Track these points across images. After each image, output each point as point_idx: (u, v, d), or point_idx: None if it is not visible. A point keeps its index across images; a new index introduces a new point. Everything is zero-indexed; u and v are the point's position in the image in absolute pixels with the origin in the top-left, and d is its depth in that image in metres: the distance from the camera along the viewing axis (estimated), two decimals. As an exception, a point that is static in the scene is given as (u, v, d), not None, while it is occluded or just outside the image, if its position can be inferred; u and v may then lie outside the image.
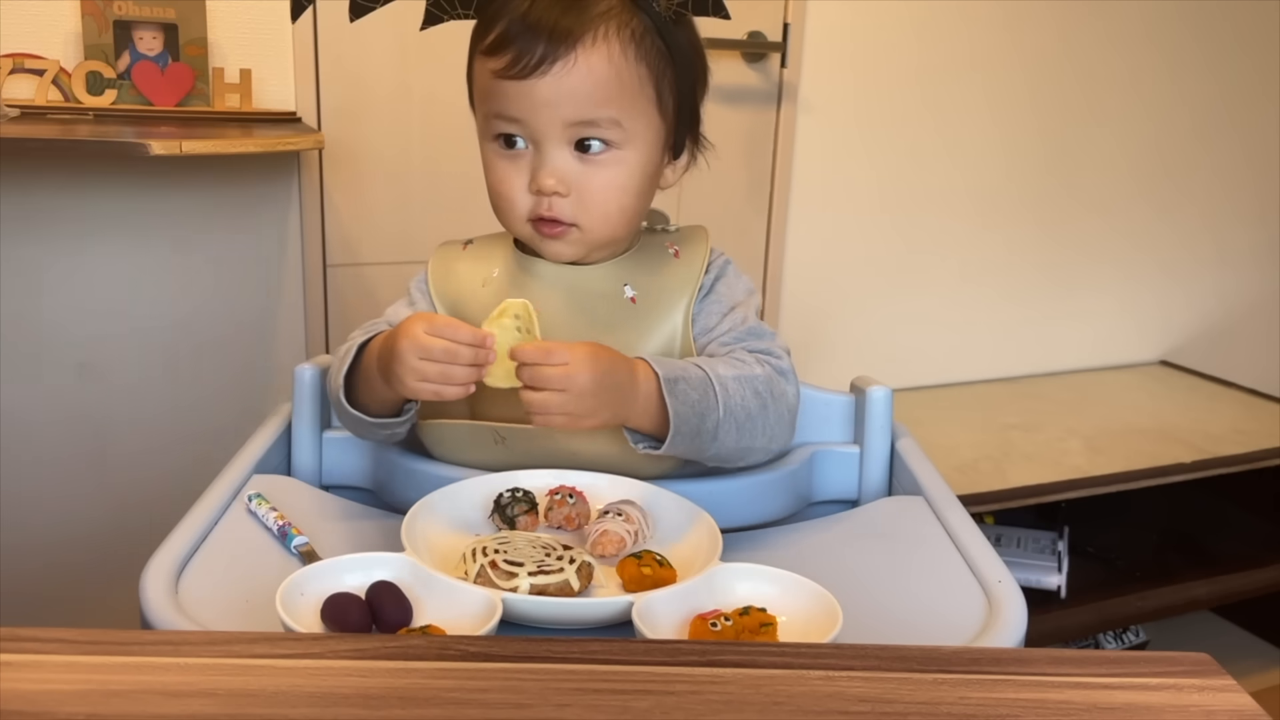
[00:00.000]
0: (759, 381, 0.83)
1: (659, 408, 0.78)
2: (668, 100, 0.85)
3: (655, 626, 0.63)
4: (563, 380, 0.74)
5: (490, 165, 0.86)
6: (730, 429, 0.81)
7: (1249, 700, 0.50)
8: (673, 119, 0.86)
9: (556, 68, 0.79)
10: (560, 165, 0.82)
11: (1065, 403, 2.13)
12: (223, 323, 1.64)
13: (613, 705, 0.48)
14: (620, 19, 0.81)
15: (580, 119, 0.81)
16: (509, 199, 0.85)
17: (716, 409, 0.80)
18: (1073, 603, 1.80)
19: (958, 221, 2.14)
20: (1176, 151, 2.31)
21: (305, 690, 0.48)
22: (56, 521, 1.60)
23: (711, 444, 0.81)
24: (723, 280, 0.91)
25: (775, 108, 1.91)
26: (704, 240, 0.92)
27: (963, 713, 0.48)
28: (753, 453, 0.85)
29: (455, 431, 0.86)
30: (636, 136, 0.83)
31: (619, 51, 0.81)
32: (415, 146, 1.71)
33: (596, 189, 0.83)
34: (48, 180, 1.49)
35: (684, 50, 0.85)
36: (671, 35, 0.83)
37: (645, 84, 0.83)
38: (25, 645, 0.51)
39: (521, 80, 0.80)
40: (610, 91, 0.81)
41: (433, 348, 0.74)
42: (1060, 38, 2.11)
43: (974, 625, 0.68)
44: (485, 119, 0.85)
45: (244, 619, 0.66)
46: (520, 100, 0.81)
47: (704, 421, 0.79)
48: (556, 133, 0.82)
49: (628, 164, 0.84)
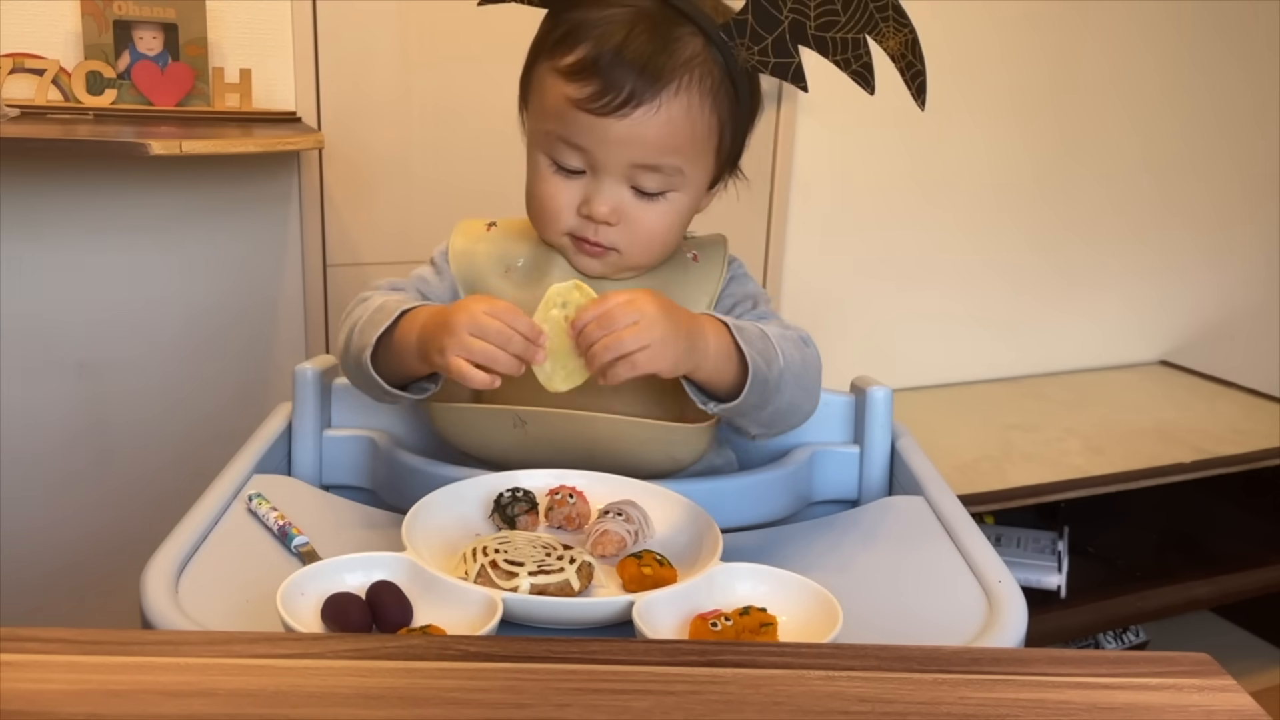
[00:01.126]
0: (795, 341, 0.84)
1: (731, 354, 0.77)
2: (727, 143, 0.85)
3: (655, 626, 0.63)
4: (631, 311, 0.72)
5: (540, 176, 0.85)
6: (790, 381, 0.81)
7: (1249, 700, 0.50)
8: (725, 158, 0.87)
9: (639, 113, 0.78)
10: (615, 198, 0.82)
11: (1065, 403, 2.13)
12: (223, 323, 1.64)
13: (613, 705, 0.48)
14: (704, 68, 0.80)
15: (647, 163, 0.81)
16: (554, 213, 0.84)
17: (778, 358, 0.79)
18: (1073, 603, 1.79)
19: (957, 221, 2.14)
20: (1176, 152, 2.31)
21: (305, 690, 0.48)
22: (56, 521, 1.60)
23: (776, 396, 0.80)
24: (735, 282, 0.92)
25: (775, 108, 1.91)
26: (722, 247, 0.93)
27: (963, 713, 0.48)
28: (799, 411, 0.84)
29: (472, 416, 0.85)
30: (692, 181, 0.84)
31: (698, 103, 0.81)
32: (415, 146, 1.71)
33: (646, 225, 0.83)
34: (48, 180, 1.49)
35: (749, 96, 0.85)
36: (742, 82, 0.83)
37: (712, 133, 0.83)
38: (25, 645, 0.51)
39: (600, 117, 0.79)
40: (681, 141, 0.81)
41: (488, 327, 0.73)
42: (1060, 38, 2.11)
43: (974, 625, 0.68)
44: (546, 136, 0.83)
45: (244, 619, 0.66)
46: (592, 133, 0.80)
47: (770, 369, 0.78)
48: (621, 170, 0.81)
49: (679, 205, 0.84)
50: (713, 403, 0.79)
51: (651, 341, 0.72)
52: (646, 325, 0.72)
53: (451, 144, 1.70)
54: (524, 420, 0.83)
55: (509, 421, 0.84)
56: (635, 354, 0.72)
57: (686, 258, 0.91)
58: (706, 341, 0.76)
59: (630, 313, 0.72)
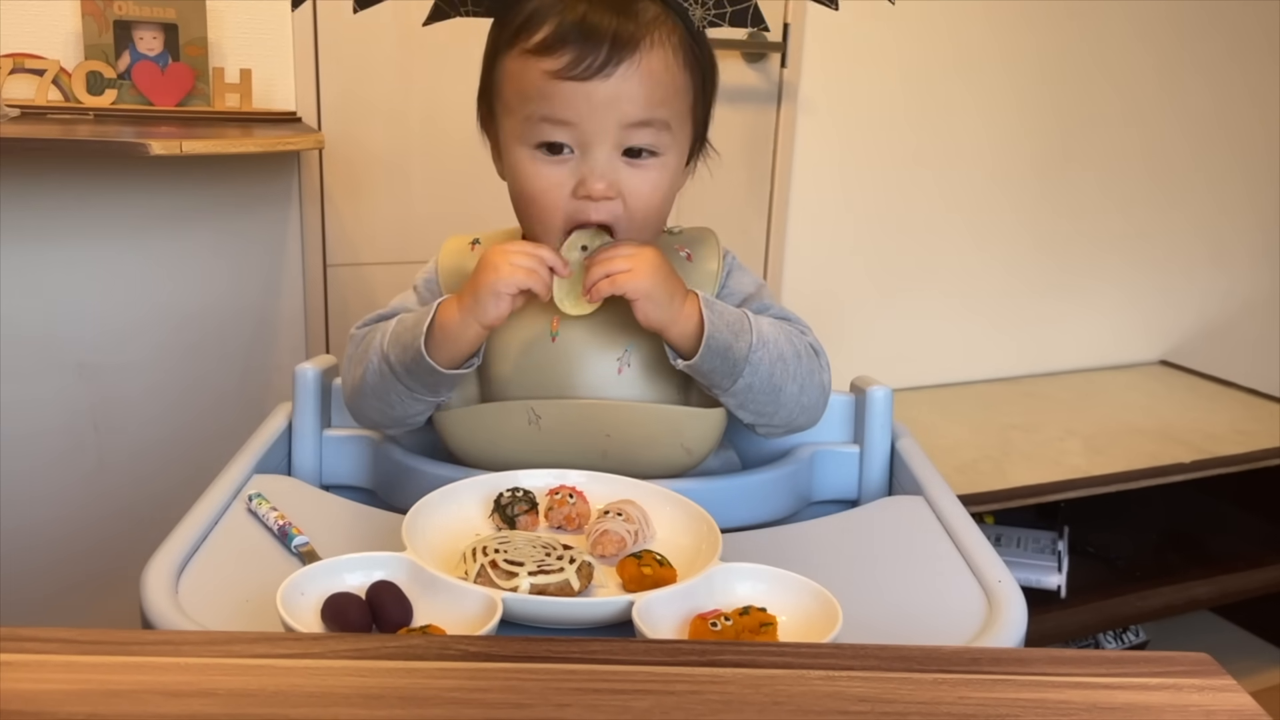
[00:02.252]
0: (798, 340, 0.87)
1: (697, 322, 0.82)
2: (698, 109, 0.87)
3: (655, 626, 0.63)
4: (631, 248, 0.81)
5: (526, 171, 0.84)
6: (772, 361, 0.83)
7: (1249, 700, 0.50)
8: (697, 126, 0.88)
9: (622, 69, 0.80)
10: (610, 170, 0.82)
11: (1065, 403, 2.13)
12: (223, 322, 1.64)
13: (613, 705, 0.48)
14: (667, 28, 0.82)
15: (639, 119, 0.81)
16: (549, 206, 0.84)
17: (750, 334, 0.83)
18: (1073, 603, 1.79)
19: (958, 221, 2.14)
20: (1176, 151, 2.31)
21: (305, 690, 0.48)
22: (56, 521, 1.60)
23: (748, 370, 0.82)
24: (732, 276, 0.93)
25: (775, 108, 1.91)
26: (714, 243, 0.94)
27: (963, 713, 0.48)
28: (793, 400, 0.86)
29: (486, 414, 0.86)
30: (676, 143, 0.85)
31: (671, 58, 0.82)
32: (415, 146, 1.71)
33: (642, 192, 0.84)
34: (48, 180, 1.49)
35: (709, 61, 0.87)
36: (702, 47, 0.86)
37: (686, 91, 0.85)
38: (25, 645, 0.51)
39: (583, 81, 0.79)
40: (667, 93, 0.82)
41: (522, 250, 0.81)
42: (1059, 39, 2.11)
43: (974, 625, 0.68)
44: (526, 122, 0.82)
45: (244, 619, 0.66)
46: (577, 102, 0.80)
47: (738, 340, 0.82)
48: (610, 136, 0.81)
49: (668, 169, 0.85)
50: (680, 360, 0.83)
51: (635, 269, 0.80)
52: (638, 260, 0.81)
53: (451, 144, 1.70)
54: (539, 415, 0.84)
55: (524, 417, 0.84)
56: (618, 275, 0.80)
57: (679, 256, 0.91)
58: (683, 301, 0.82)
59: (630, 249, 0.81)
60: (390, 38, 1.65)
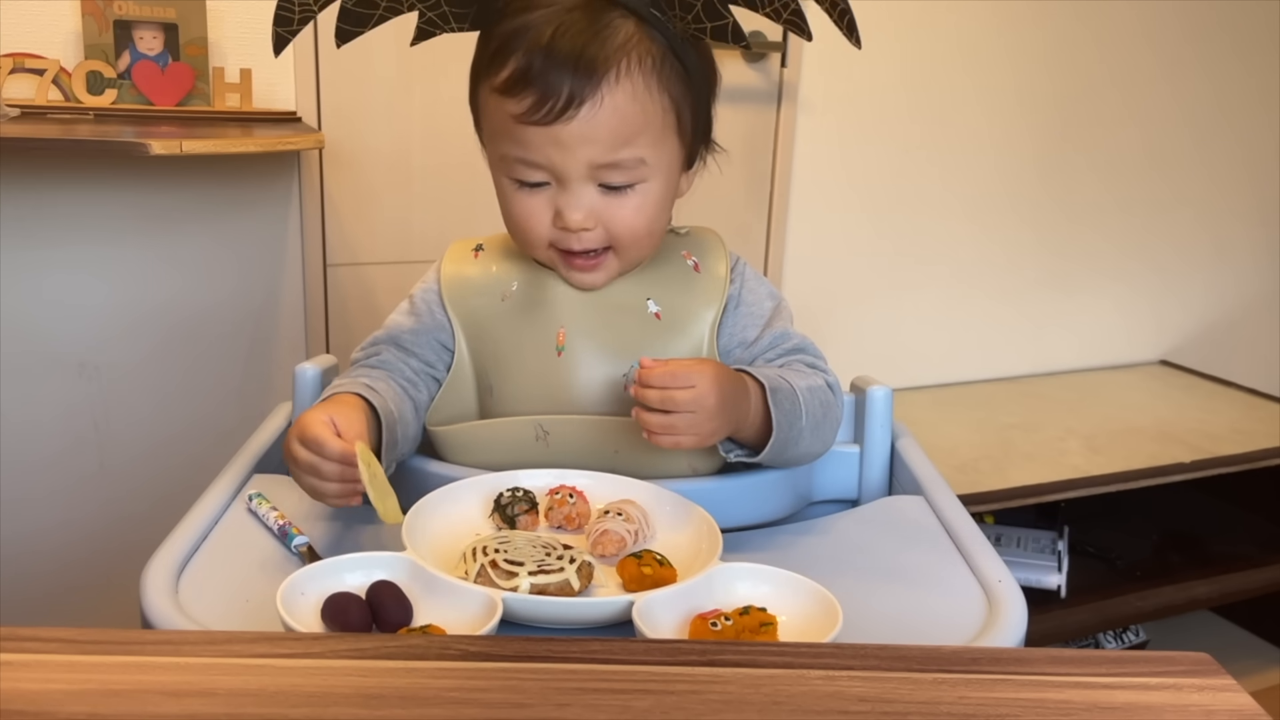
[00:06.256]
0: (822, 392, 0.85)
1: (763, 418, 0.80)
2: (687, 121, 0.83)
3: (655, 626, 0.63)
4: (693, 403, 0.74)
5: (508, 198, 0.84)
6: (807, 436, 0.83)
7: (1249, 700, 0.50)
8: (691, 136, 0.85)
9: (583, 111, 0.77)
10: (586, 201, 0.81)
11: (1065, 402, 2.13)
12: (223, 322, 1.64)
13: (613, 705, 0.48)
14: (641, 48, 0.78)
15: (605, 161, 0.79)
16: (531, 231, 0.84)
17: (801, 417, 0.82)
18: (1073, 602, 1.79)
19: (958, 221, 2.14)
20: (1176, 151, 2.31)
21: (305, 690, 0.48)
22: (56, 521, 1.60)
23: (794, 449, 0.83)
24: (746, 288, 0.91)
25: (775, 108, 1.91)
26: (721, 248, 0.92)
27: (963, 713, 0.48)
28: (810, 457, 0.87)
29: (492, 431, 0.85)
30: (659, 167, 0.82)
31: (642, 86, 0.78)
32: (415, 146, 1.71)
33: (623, 219, 0.82)
34: (48, 180, 1.49)
35: (699, 66, 0.84)
36: (688, 55, 0.81)
37: (668, 114, 0.81)
38: (25, 645, 0.51)
39: (547, 126, 0.77)
40: (635, 129, 0.79)
41: (300, 459, 0.74)
42: (1058, 39, 2.11)
43: (974, 625, 0.68)
44: (503, 160, 0.82)
45: (244, 619, 0.66)
46: (543, 146, 0.78)
47: (793, 429, 0.81)
48: (583, 173, 0.80)
49: (652, 193, 0.83)
50: (736, 452, 0.82)
51: (700, 433, 0.75)
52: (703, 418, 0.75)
53: (451, 144, 1.70)
54: (547, 430, 0.83)
55: (532, 433, 0.84)
56: (683, 438, 0.75)
57: (687, 264, 0.90)
58: (746, 412, 0.79)
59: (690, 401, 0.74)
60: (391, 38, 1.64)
